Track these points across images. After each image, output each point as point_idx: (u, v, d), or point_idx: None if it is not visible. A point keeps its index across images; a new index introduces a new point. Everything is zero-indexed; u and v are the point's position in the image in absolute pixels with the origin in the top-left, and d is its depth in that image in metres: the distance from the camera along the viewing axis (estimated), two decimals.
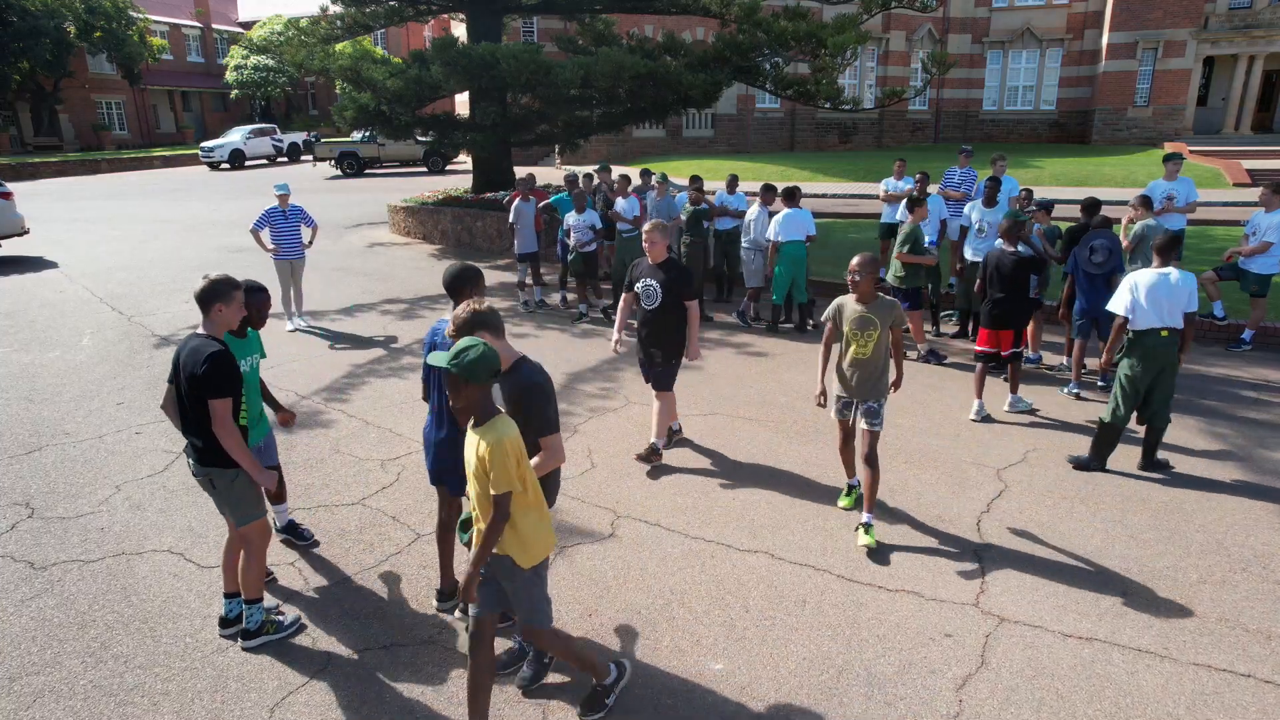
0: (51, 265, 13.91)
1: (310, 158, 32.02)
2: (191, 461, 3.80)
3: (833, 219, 17.05)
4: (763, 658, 3.89)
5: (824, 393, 5.20)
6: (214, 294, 3.63)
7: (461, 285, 3.81)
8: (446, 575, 4.27)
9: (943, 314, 9.88)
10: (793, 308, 9.82)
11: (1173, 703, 3.55)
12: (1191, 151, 26.60)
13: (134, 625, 4.18)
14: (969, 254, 8.86)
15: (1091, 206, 8.02)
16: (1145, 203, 8.13)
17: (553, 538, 3.24)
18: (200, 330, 3.69)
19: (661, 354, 5.91)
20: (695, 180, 10.72)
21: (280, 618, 4.11)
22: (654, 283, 5.74)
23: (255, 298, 4.42)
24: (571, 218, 10.05)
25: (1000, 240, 6.92)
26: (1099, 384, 7.64)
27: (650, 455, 6.01)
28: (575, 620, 4.21)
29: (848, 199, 20.29)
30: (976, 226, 8.78)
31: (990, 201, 8.74)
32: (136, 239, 16.71)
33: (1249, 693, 3.61)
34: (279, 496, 4.90)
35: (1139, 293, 5.58)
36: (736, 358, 8.68)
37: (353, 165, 30.71)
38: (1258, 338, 8.87)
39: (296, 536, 4.93)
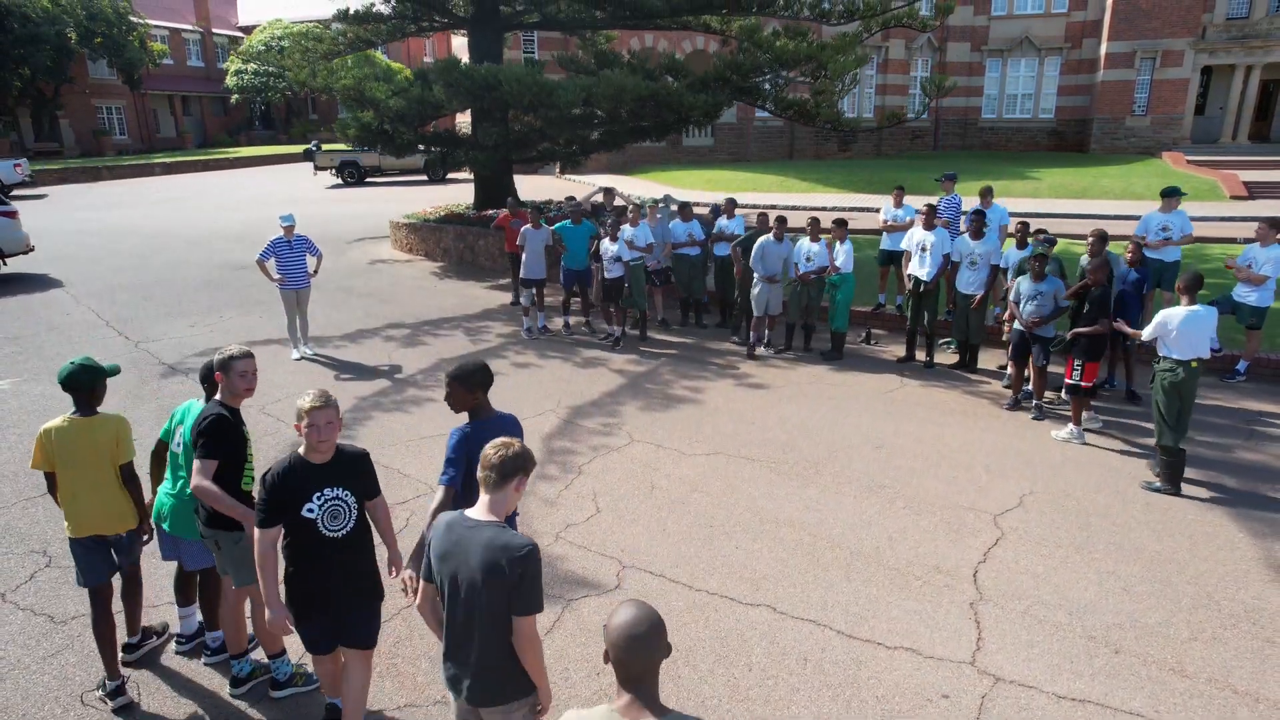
0: (57, 284, 14.01)
1: (312, 164, 32.01)
2: (200, 523, 4.00)
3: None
4: (765, 718, 4.01)
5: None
6: (213, 368, 3.92)
7: (473, 388, 3.79)
8: None
9: (940, 342, 10.00)
10: (808, 333, 10.18)
11: None
12: (1189, 161, 26.76)
13: (153, 684, 4.30)
14: (962, 287, 8.96)
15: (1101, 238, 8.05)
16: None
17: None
18: (218, 397, 3.94)
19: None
20: (730, 204, 10.93)
21: (309, 670, 4.25)
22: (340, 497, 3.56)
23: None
24: (606, 245, 10.22)
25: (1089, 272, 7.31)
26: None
27: None
28: (583, 679, 4.33)
29: (847, 212, 20.35)
30: (968, 260, 8.89)
31: (977, 234, 8.85)
32: (139, 253, 16.81)
33: None
34: (188, 599, 4.57)
35: (1172, 327, 6.18)
36: (737, 391, 8.80)
37: (354, 174, 30.81)
38: (1252, 368, 9.01)
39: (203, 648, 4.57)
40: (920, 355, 9.64)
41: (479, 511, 2.84)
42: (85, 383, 4.01)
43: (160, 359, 9.78)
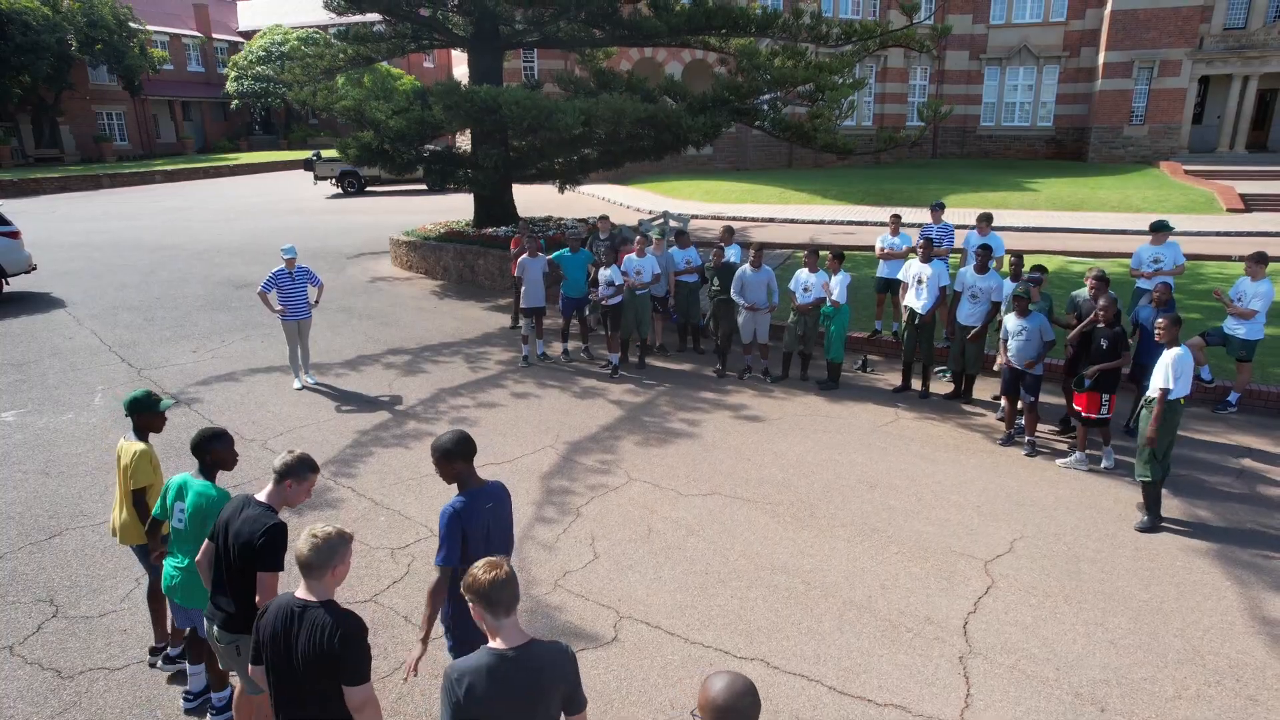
0: (59, 304, 14.10)
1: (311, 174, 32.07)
2: (216, 628, 3.85)
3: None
4: None
5: None
6: (293, 472, 3.74)
7: (452, 459, 3.86)
8: None
9: (936, 370, 10.10)
10: (805, 362, 10.34)
11: None
12: (1186, 171, 26.88)
13: None
14: (961, 319, 9.07)
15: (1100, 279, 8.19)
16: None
17: None
18: (260, 498, 3.77)
19: None
20: (728, 231, 11.02)
21: None
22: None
23: (218, 444, 4.26)
24: (603, 273, 10.35)
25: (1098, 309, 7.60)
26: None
27: None
28: None
29: (845, 226, 20.49)
30: (970, 292, 8.99)
31: (982, 269, 8.95)
32: (142, 269, 16.91)
33: None
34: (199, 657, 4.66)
35: (1174, 370, 6.38)
36: (733, 424, 8.89)
37: (354, 184, 30.91)
38: (1243, 400, 9.11)
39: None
40: (916, 385, 9.74)
41: (509, 640, 2.77)
42: (130, 411, 4.78)
43: (163, 387, 9.88)
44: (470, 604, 2.75)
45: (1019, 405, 8.22)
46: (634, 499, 7.15)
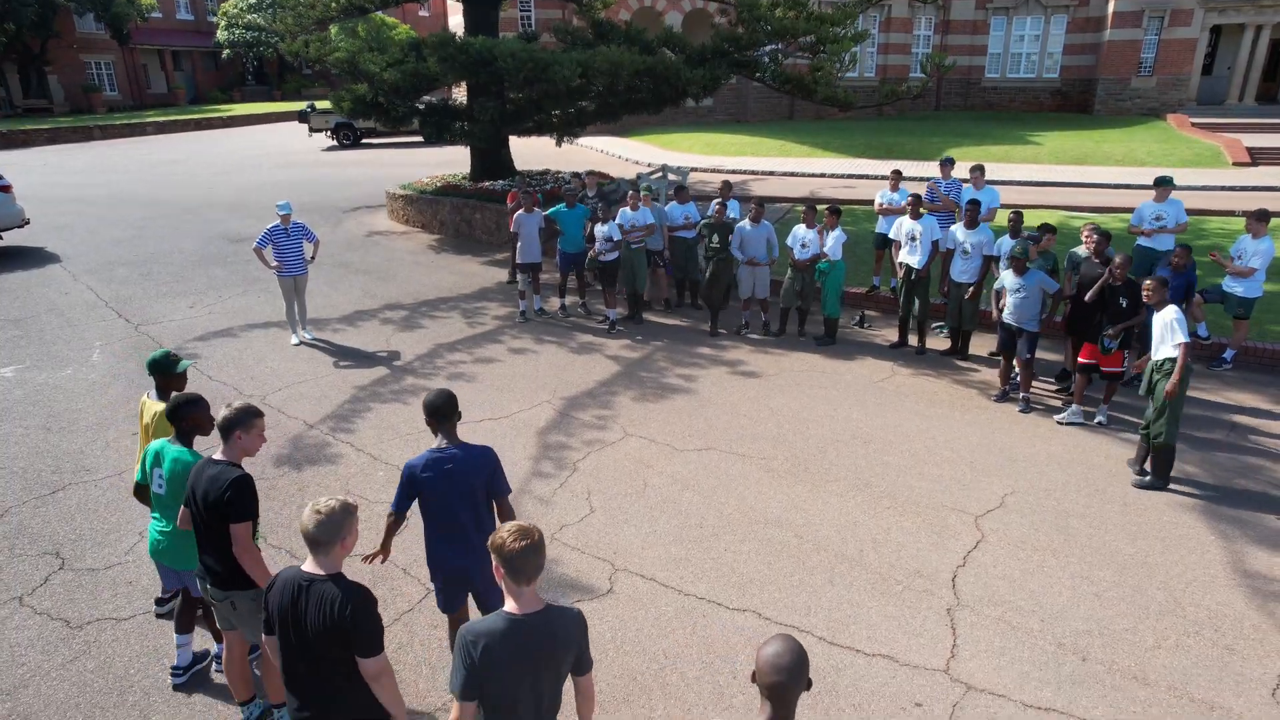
0: (54, 259, 14.04)
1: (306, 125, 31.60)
2: (209, 586, 3.94)
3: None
4: None
5: None
6: (235, 422, 3.79)
7: (451, 410, 3.96)
8: None
9: (933, 326, 10.12)
10: (802, 317, 10.33)
11: None
12: (1193, 124, 26.49)
13: (167, 692, 4.53)
14: (955, 275, 9.05)
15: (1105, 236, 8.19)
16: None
17: None
18: (218, 457, 3.83)
19: None
20: (726, 186, 10.92)
21: None
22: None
23: (194, 410, 4.23)
24: (599, 228, 10.32)
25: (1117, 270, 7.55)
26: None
27: None
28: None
29: (846, 180, 20.28)
30: (962, 247, 8.95)
31: (971, 224, 8.91)
32: (136, 224, 16.79)
33: None
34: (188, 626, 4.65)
35: (1181, 325, 6.39)
36: (729, 379, 8.94)
37: (349, 136, 30.48)
38: (1238, 357, 9.15)
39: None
40: (912, 341, 9.77)
41: (525, 605, 2.81)
42: (151, 372, 4.83)
43: (160, 343, 9.89)
44: (494, 563, 2.79)
45: (1014, 362, 8.25)
46: (630, 454, 7.22)
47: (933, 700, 4.43)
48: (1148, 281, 6.74)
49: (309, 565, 3.08)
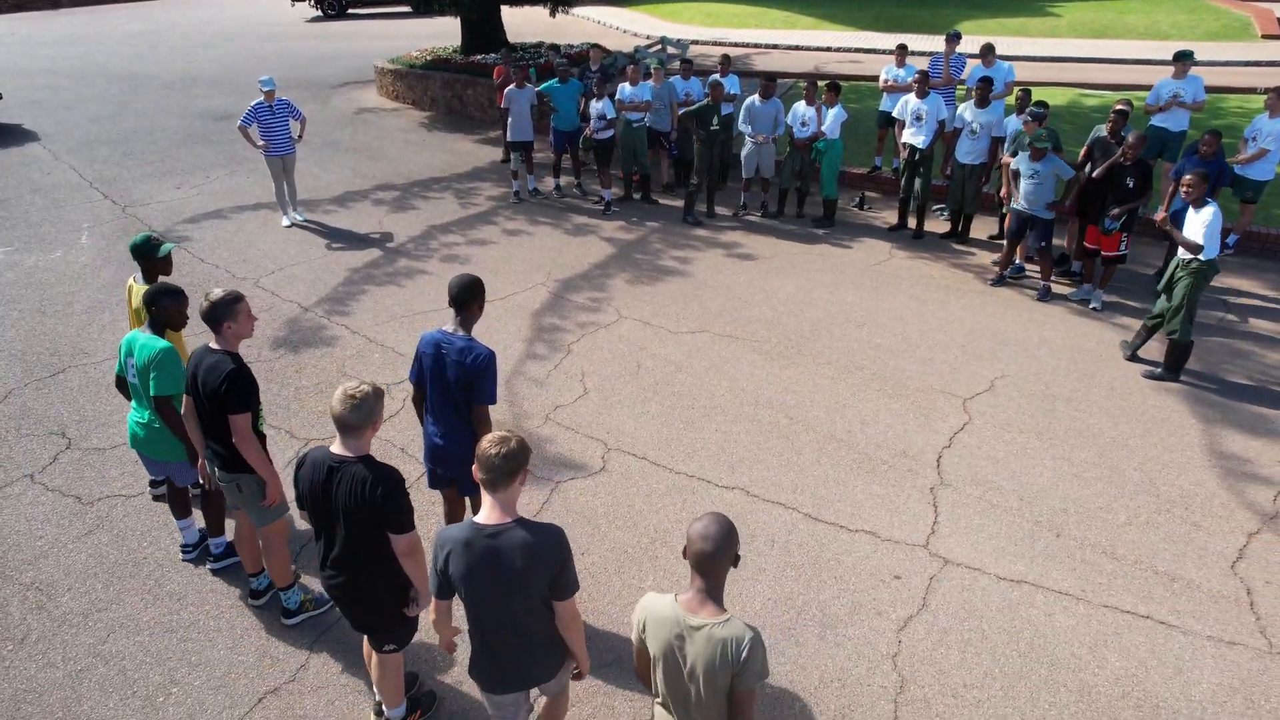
0: (32, 137, 13.62)
1: None
2: (216, 468, 4.04)
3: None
4: (732, 597, 4.47)
5: None
6: (220, 314, 3.75)
7: (468, 299, 3.88)
8: None
9: (933, 208, 9.94)
10: (801, 198, 10.16)
11: (1078, 643, 4.17)
12: None
13: (179, 564, 4.74)
14: (960, 156, 8.80)
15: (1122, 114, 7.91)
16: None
17: None
18: (214, 345, 3.84)
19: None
20: (725, 61, 10.46)
21: (320, 593, 4.45)
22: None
23: (169, 301, 4.17)
24: (594, 105, 9.99)
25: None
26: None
27: None
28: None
29: (852, 54, 19.39)
30: (970, 127, 8.67)
31: (983, 102, 8.58)
32: (113, 99, 16.19)
33: (1143, 633, 4.23)
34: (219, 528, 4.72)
35: (1209, 233, 6.18)
36: (725, 261, 8.86)
37: (334, 6, 28.85)
38: (1240, 242, 9.04)
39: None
40: (912, 223, 9.61)
41: (493, 516, 2.73)
42: (134, 256, 4.79)
43: (149, 225, 9.75)
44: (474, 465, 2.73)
45: (1017, 249, 8.16)
46: (624, 336, 7.26)
47: (911, 573, 4.64)
48: (1187, 176, 6.32)
49: (337, 447, 3.13)
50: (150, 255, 4.76)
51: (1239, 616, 4.34)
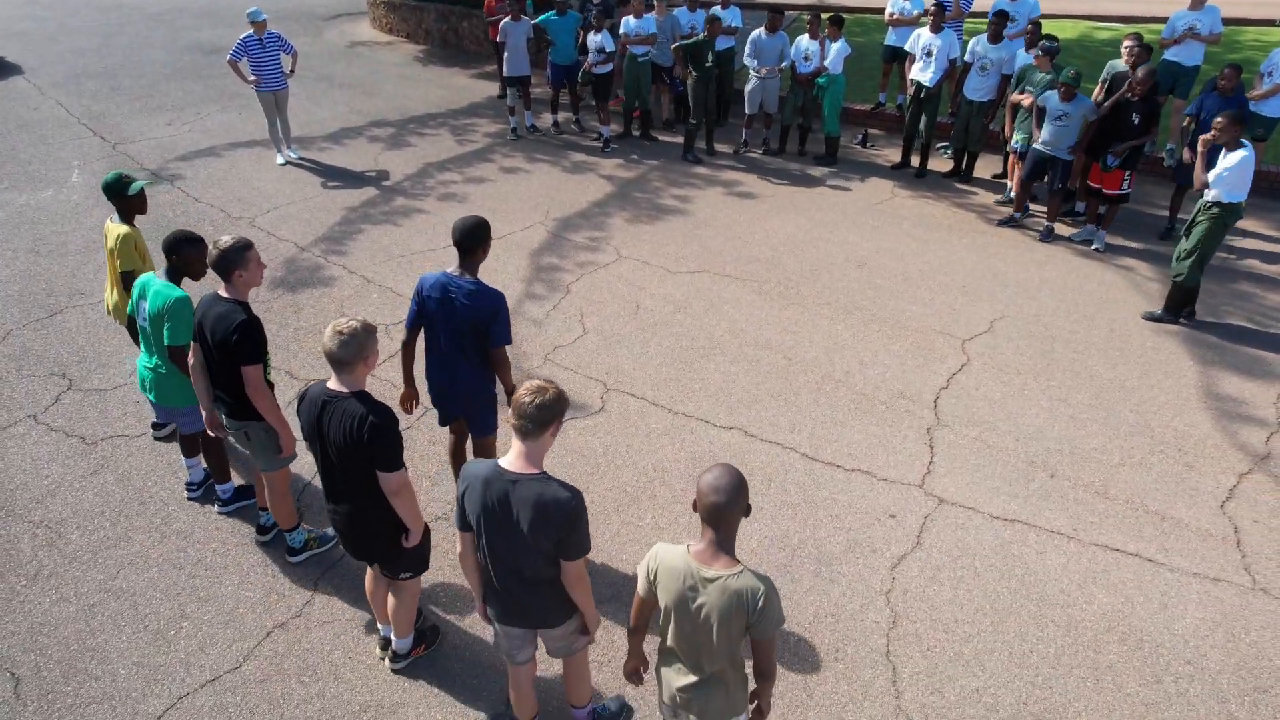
0: (15, 70, 13.28)
1: None
2: (224, 416, 4.04)
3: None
4: None
5: None
6: (231, 262, 3.69)
7: (474, 244, 3.81)
8: None
9: (937, 146, 9.76)
10: (803, 135, 9.99)
11: (1068, 580, 4.26)
12: None
13: (185, 503, 4.81)
14: (969, 93, 8.60)
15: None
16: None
17: None
18: (223, 294, 3.78)
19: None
20: None
21: (323, 531, 4.54)
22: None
23: (190, 249, 4.07)
24: (592, 38, 9.74)
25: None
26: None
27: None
28: None
29: None
30: (980, 63, 8.44)
31: (995, 37, 8.34)
32: (98, 31, 15.75)
33: (1131, 570, 4.32)
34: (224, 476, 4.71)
35: (1236, 178, 6.05)
36: (725, 200, 8.75)
37: None
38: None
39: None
40: (915, 162, 9.46)
41: (517, 463, 2.72)
42: (106, 196, 4.72)
43: (141, 164, 9.59)
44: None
45: (1031, 190, 8.03)
46: (623, 276, 7.22)
47: (906, 512, 4.72)
48: (1218, 119, 6.10)
49: (333, 383, 3.17)
50: (122, 193, 4.68)
51: (1225, 554, 4.42)
